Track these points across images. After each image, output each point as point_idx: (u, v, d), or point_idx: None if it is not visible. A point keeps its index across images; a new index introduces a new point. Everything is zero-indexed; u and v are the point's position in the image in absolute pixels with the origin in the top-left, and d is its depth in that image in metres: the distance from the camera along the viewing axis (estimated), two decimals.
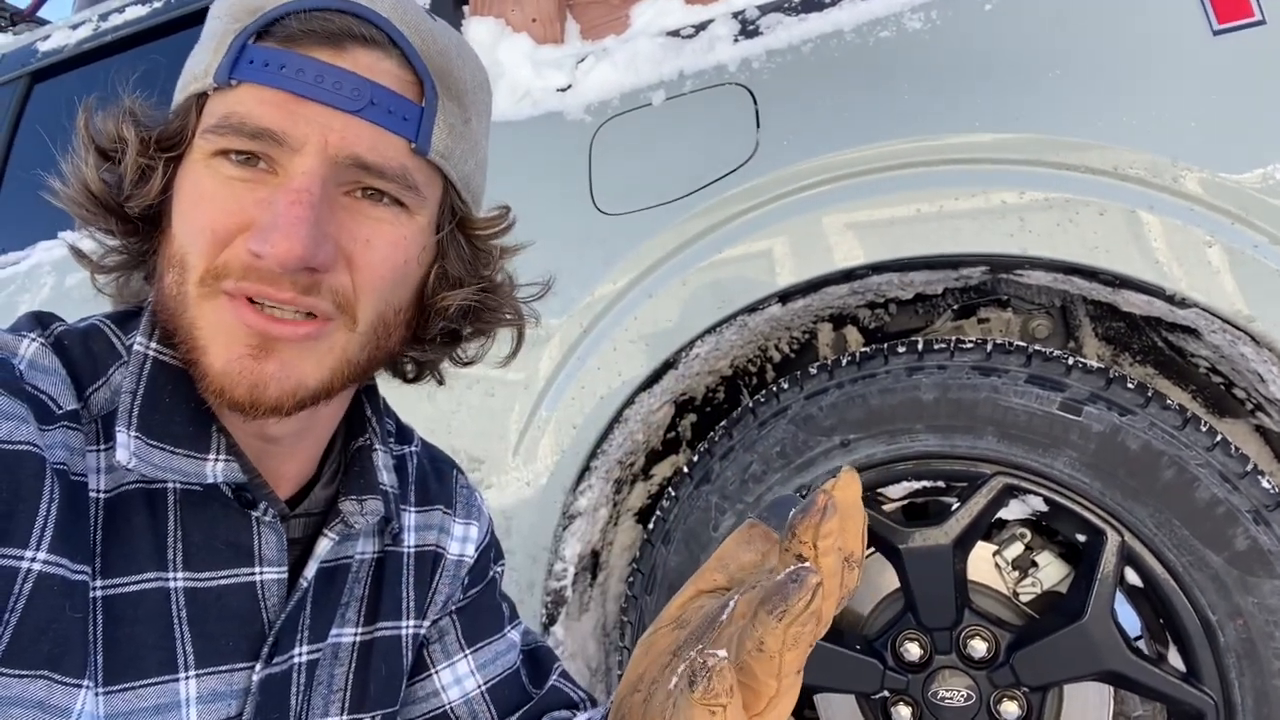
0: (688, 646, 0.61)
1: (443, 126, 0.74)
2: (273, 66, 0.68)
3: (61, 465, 0.64)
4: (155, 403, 0.70)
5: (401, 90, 0.72)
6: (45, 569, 0.60)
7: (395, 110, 0.71)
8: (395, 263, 0.72)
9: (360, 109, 0.68)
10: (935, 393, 1.42)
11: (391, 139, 0.71)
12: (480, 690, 0.98)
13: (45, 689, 0.61)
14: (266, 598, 0.74)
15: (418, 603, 0.93)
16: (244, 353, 0.66)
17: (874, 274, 1.49)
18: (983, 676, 1.43)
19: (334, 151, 0.67)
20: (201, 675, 0.70)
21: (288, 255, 0.63)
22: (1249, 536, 1.27)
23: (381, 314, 0.73)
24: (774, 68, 1.57)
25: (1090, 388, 1.35)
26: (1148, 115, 1.33)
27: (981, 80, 1.43)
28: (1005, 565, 1.54)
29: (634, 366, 1.58)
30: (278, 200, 0.65)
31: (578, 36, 1.94)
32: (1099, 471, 1.34)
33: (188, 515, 0.71)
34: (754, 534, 0.67)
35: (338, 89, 0.68)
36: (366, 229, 0.70)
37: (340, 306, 0.69)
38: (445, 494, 0.99)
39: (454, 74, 0.77)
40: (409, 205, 0.73)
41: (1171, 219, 1.30)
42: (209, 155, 0.68)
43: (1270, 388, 1.34)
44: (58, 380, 0.68)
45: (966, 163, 1.42)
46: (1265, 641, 1.27)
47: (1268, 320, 1.27)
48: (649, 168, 1.62)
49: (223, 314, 0.66)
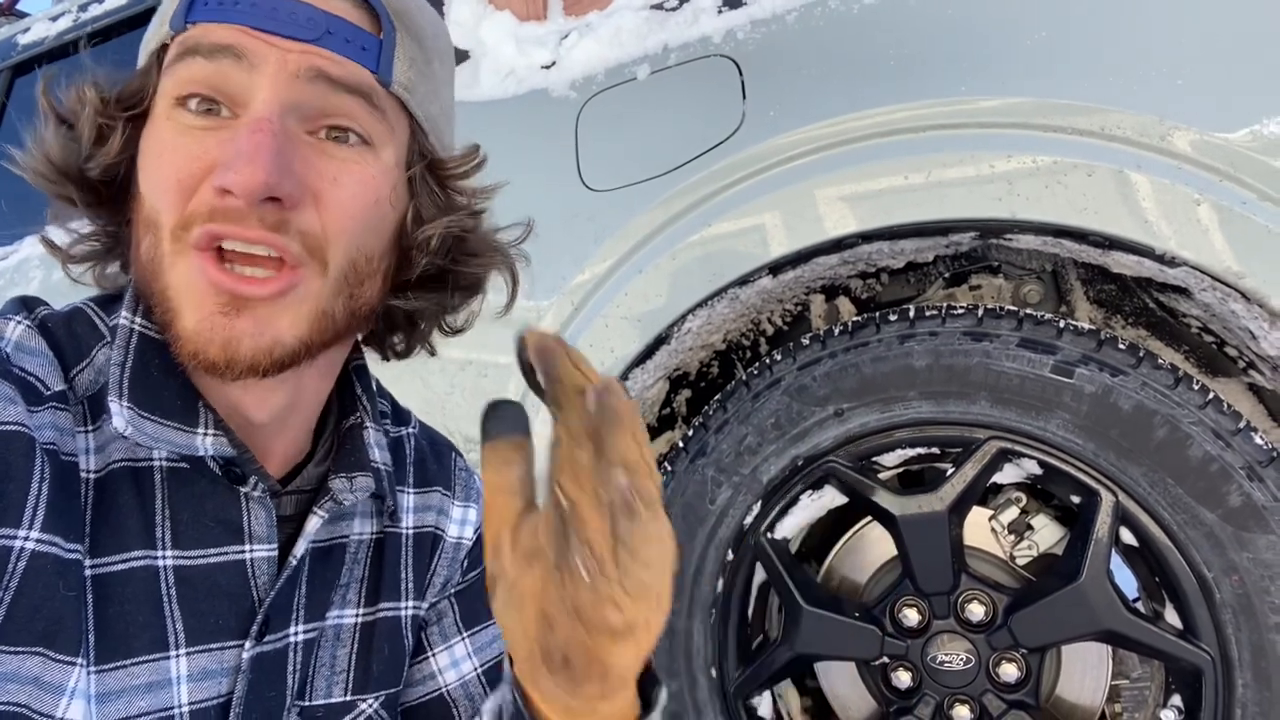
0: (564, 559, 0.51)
1: (403, 59, 0.73)
2: (227, 4, 0.67)
3: (51, 445, 0.64)
4: (143, 375, 0.69)
5: (358, 22, 0.71)
6: (38, 548, 0.60)
7: (353, 40, 0.70)
8: (365, 201, 0.70)
9: (317, 38, 0.68)
10: (928, 359, 1.42)
11: (352, 66, 0.69)
12: (477, 673, 0.99)
13: (40, 665, 0.61)
14: (256, 575, 0.74)
15: (416, 584, 0.92)
16: (214, 310, 0.65)
17: (864, 243, 1.48)
18: (981, 640, 1.44)
19: (294, 68, 0.66)
20: (192, 653, 0.70)
21: (251, 180, 0.62)
22: (1243, 493, 1.28)
23: (353, 260, 0.71)
24: (759, 38, 1.56)
25: (1082, 350, 1.35)
26: (1134, 75, 1.33)
27: (966, 45, 1.42)
28: (1001, 529, 1.54)
29: (626, 343, 1.58)
30: (239, 134, 0.64)
31: (560, 13, 1.93)
32: (1092, 433, 1.35)
33: (175, 493, 0.70)
34: (502, 452, 0.58)
35: (293, 19, 0.67)
36: (334, 167, 0.69)
37: (310, 250, 0.68)
38: (444, 476, 0.99)
39: (411, 15, 0.76)
40: (375, 141, 0.71)
41: (1160, 178, 1.30)
42: (170, 106, 0.67)
43: (1261, 344, 1.34)
44: (44, 361, 0.67)
45: (953, 128, 1.41)
46: (1260, 596, 1.28)
47: (1258, 276, 1.26)
48: (636, 142, 1.62)
49: (192, 274, 0.65)
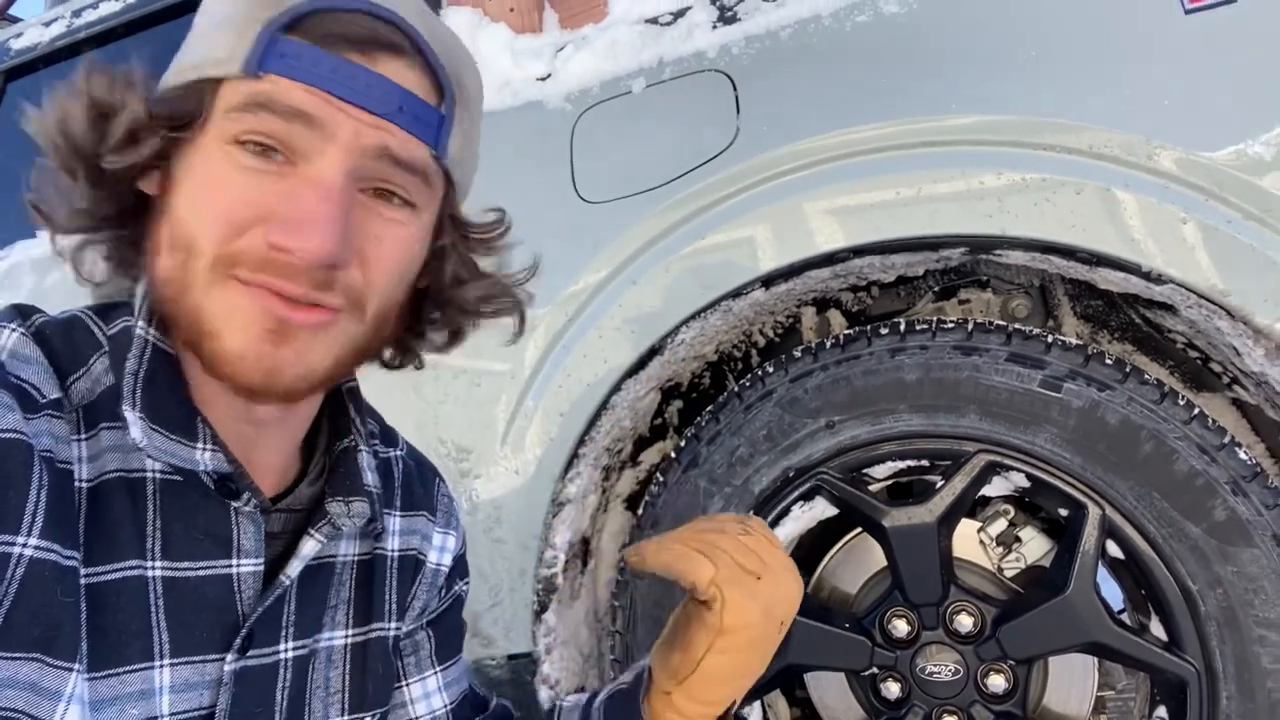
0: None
1: (458, 134, 0.76)
2: (305, 62, 0.67)
3: (48, 453, 0.64)
4: (151, 386, 0.70)
5: (426, 98, 0.72)
6: (36, 554, 0.61)
7: (421, 117, 0.71)
8: (402, 259, 0.74)
9: (390, 113, 0.69)
10: (918, 373, 1.44)
11: (415, 144, 0.71)
12: (446, 709, 1.01)
13: (37, 671, 0.61)
14: (242, 590, 0.74)
15: (399, 605, 0.94)
16: (262, 337, 0.66)
17: (855, 257, 1.50)
18: (969, 651, 1.45)
19: (366, 143, 0.68)
20: (175, 664, 0.70)
21: (319, 252, 0.64)
22: (1227, 507, 1.30)
23: (386, 310, 0.75)
24: (753, 54, 1.58)
25: (1069, 364, 1.37)
26: (1122, 95, 1.35)
27: (958, 64, 1.44)
28: (989, 541, 1.56)
29: (620, 353, 1.59)
30: (304, 194, 0.65)
31: (556, 26, 1.94)
32: (1079, 446, 1.36)
33: (167, 504, 0.71)
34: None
35: (369, 91, 0.68)
36: (378, 226, 0.71)
37: (351, 302, 0.70)
38: (428, 501, 1.01)
39: (465, 82, 0.77)
40: (418, 205, 0.74)
41: (1146, 196, 1.32)
42: (227, 140, 0.67)
43: (1246, 360, 1.36)
44: (40, 370, 0.68)
45: (945, 145, 1.43)
46: (1245, 609, 1.30)
47: (1242, 294, 1.29)
48: (631, 155, 1.63)
49: (237, 299, 0.66)
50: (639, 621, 1.61)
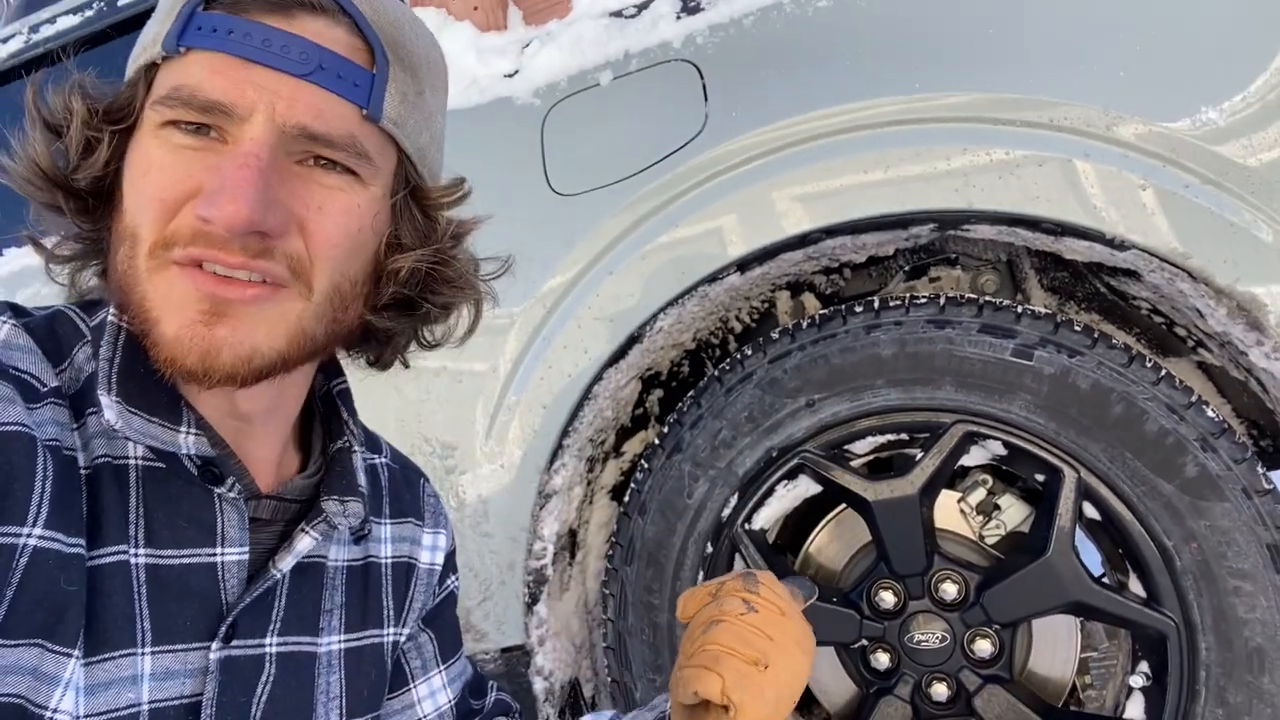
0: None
1: (394, 94, 0.74)
2: (220, 32, 0.68)
3: (54, 441, 0.65)
4: (130, 371, 0.70)
5: (351, 56, 0.72)
6: (41, 544, 0.62)
7: (345, 75, 0.70)
8: (349, 229, 0.72)
9: (308, 73, 0.68)
10: (893, 348, 1.47)
11: (341, 105, 0.70)
12: (450, 704, 1.03)
13: (38, 656, 0.62)
14: (226, 578, 0.74)
15: (396, 611, 0.95)
16: (195, 319, 0.66)
17: (827, 237, 1.53)
18: (955, 618, 1.48)
19: (280, 120, 0.67)
20: (156, 652, 0.70)
21: (234, 218, 0.63)
22: (1198, 463, 1.34)
23: (338, 285, 0.73)
24: (718, 42, 1.60)
25: (1040, 333, 1.41)
26: (1080, 68, 1.38)
27: (918, 44, 1.47)
28: (970, 511, 1.59)
29: (600, 343, 1.61)
30: (225, 165, 0.65)
31: (520, 22, 1.95)
32: (1053, 412, 1.40)
33: (150, 492, 0.71)
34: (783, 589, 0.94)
35: (285, 53, 0.68)
36: (319, 196, 0.70)
37: (295, 272, 0.70)
38: (415, 505, 1.02)
39: (406, 45, 0.77)
40: (361, 175, 0.73)
41: (1106, 165, 1.36)
42: (159, 126, 0.68)
43: (1209, 321, 1.40)
44: (36, 359, 0.68)
45: (909, 123, 1.46)
46: (1219, 561, 1.34)
47: (1202, 256, 1.33)
48: (602, 147, 1.64)
49: (173, 284, 0.66)
50: (630, 608, 1.62)
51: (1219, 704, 1.35)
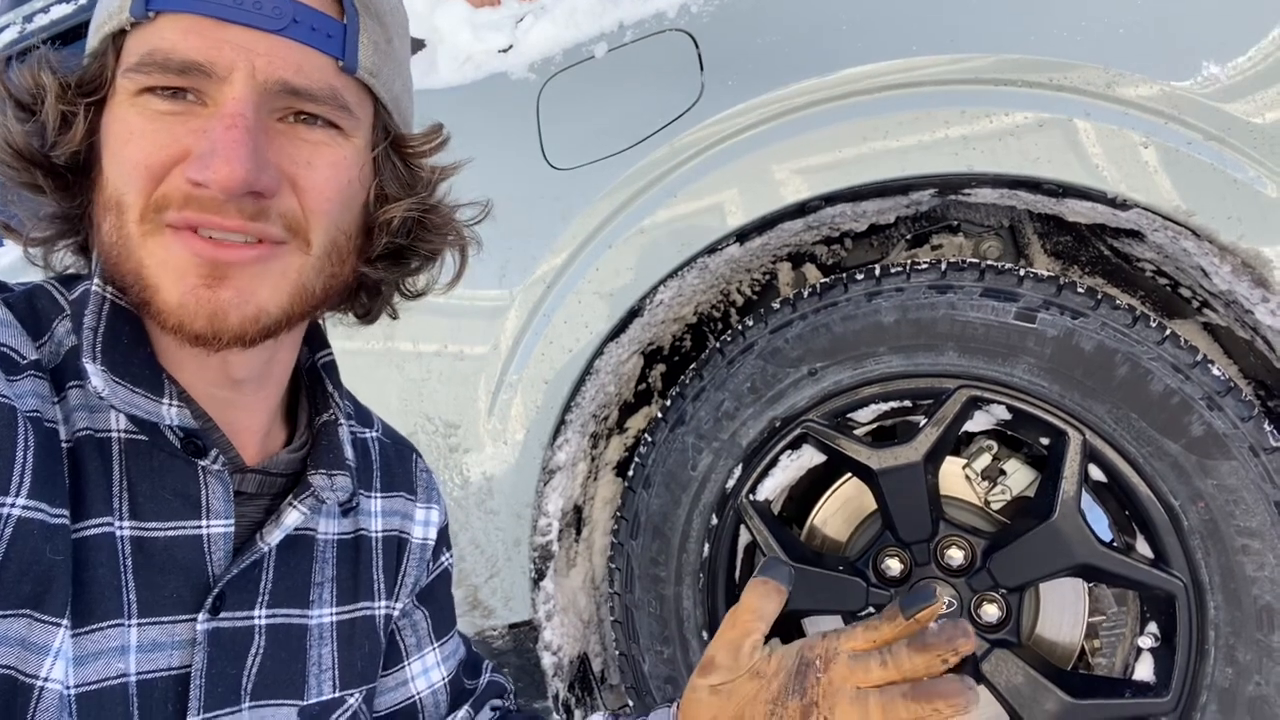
0: (787, 695, 0.76)
1: (367, 44, 0.74)
2: None
3: (34, 413, 0.65)
4: (114, 342, 0.70)
5: (321, 7, 0.71)
6: (25, 514, 0.62)
7: (318, 28, 0.70)
8: (339, 183, 0.73)
9: (283, 28, 0.68)
10: (895, 315, 1.46)
11: (317, 57, 0.70)
12: (444, 681, 1.03)
13: (26, 627, 0.62)
14: (212, 551, 0.74)
15: (388, 585, 0.95)
16: (197, 283, 0.66)
17: (827, 205, 1.52)
18: (962, 583, 1.48)
19: (262, 78, 0.67)
20: (143, 624, 0.70)
21: (229, 179, 0.63)
22: (1204, 422, 1.33)
23: (334, 239, 0.74)
24: (713, 10, 1.59)
25: (1042, 295, 1.40)
26: (1079, 26, 1.37)
27: (913, 6, 1.45)
28: (975, 477, 1.59)
29: (600, 317, 1.60)
30: (213, 127, 0.65)
31: None
32: (1057, 375, 1.39)
33: (133, 464, 0.71)
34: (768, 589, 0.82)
35: (258, 8, 0.67)
36: (306, 152, 0.70)
37: (291, 229, 0.70)
38: (407, 480, 1.02)
39: None
40: (343, 127, 0.73)
41: (1107, 124, 1.34)
42: (134, 94, 0.67)
43: (1214, 280, 1.39)
44: (15, 332, 0.68)
45: (907, 87, 1.44)
46: (1226, 520, 1.33)
47: (1206, 213, 1.31)
48: (598, 120, 1.63)
49: (169, 248, 0.66)
50: (636, 582, 1.62)
51: (1229, 663, 1.34)
